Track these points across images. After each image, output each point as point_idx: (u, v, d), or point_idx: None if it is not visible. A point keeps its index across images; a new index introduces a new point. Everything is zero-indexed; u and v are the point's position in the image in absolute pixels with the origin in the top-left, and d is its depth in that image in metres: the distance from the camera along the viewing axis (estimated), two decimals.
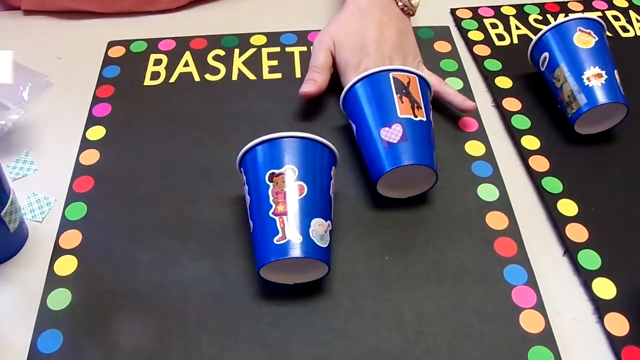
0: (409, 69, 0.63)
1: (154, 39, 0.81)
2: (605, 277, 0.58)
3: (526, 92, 0.76)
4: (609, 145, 0.70)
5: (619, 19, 0.87)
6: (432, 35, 0.83)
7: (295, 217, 0.53)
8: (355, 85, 0.64)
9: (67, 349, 0.53)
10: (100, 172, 0.66)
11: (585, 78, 0.66)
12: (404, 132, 0.59)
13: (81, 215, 0.62)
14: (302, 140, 0.56)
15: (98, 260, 0.59)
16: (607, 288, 0.57)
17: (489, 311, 0.56)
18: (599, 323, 0.56)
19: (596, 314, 0.56)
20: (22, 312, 0.56)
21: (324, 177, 0.56)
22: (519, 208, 0.63)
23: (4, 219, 0.55)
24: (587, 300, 0.57)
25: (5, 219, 0.55)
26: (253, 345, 0.54)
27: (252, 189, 0.56)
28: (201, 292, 0.57)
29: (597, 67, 0.66)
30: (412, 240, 0.61)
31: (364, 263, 0.59)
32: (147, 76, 0.77)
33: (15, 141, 0.70)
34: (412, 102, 0.61)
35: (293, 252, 0.51)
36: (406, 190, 0.63)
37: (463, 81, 0.76)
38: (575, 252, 0.60)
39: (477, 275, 0.58)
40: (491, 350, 0.53)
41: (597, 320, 0.56)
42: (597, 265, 0.59)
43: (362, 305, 0.56)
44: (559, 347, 0.53)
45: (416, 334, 0.54)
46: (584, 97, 0.66)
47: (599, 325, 0.56)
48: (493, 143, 0.70)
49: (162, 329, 0.54)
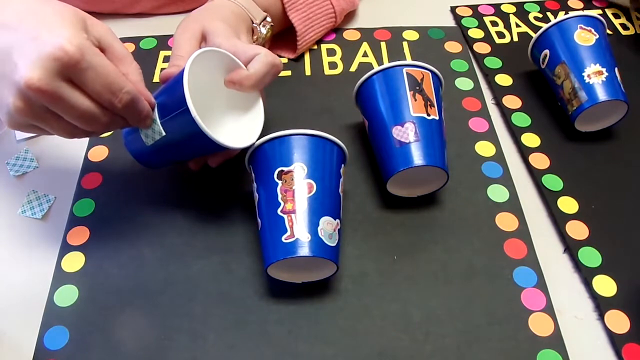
0: (422, 65, 0.63)
1: (164, 36, 0.81)
2: (606, 275, 0.58)
3: (526, 90, 0.75)
4: (609, 143, 0.69)
5: (619, 16, 0.87)
6: (442, 35, 0.82)
7: (304, 215, 0.52)
8: (368, 80, 0.63)
9: (74, 346, 0.53)
10: (109, 168, 0.66)
11: (586, 75, 0.66)
12: (416, 132, 0.59)
13: (89, 211, 0.62)
14: (311, 138, 0.56)
15: (105, 257, 0.59)
16: (608, 285, 0.57)
17: (498, 313, 0.55)
18: (600, 321, 0.55)
19: (597, 312, 0.56)
20: (28, 308, 0.56)
21: (333, 175, 0.56)
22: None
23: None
24: (588, 298, 0.57)
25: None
26: (260, 344, 0.53)
27: (260, 187, 0.56)
28: (208, 289, 0.57)
29: (598, 64, 0.66)
30: (421, 240, 0.61)
31: (373, 262, 0.59)
32: (157, 73, 0.76)
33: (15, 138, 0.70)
34: (425, 99, 0.61)
35: (301, 251, 0.51)
36: (416, 189, 0.62)
37: (474, 81, 0.76)
38: (576, 250, 0.60)
39: (486, 276, 0.58)
40: (500, 352, 0.53)
41: (598, 318, 0.55)
42: (598, 263, 0.59)
43: (370, 304, 0.56)
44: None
45: (424, 334, 0.54)
46: (585, 94, 0.65)
47: (599, 322, 0.55)
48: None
49: (169, 326, 0.54)
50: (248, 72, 0.58)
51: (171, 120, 0.54)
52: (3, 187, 0.65)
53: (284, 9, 0.74)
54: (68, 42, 0.45)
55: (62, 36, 0.45)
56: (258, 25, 0.69)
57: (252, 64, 0.58)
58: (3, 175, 0.66)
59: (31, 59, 0.45)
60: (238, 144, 0.56)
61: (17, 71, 0.45)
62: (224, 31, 0.62)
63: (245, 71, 0.58)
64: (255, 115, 0.60)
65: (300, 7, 0.75)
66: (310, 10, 0.76)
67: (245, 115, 0.61)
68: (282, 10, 0.74)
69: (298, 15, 0.75)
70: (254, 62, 0.58)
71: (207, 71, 0.57)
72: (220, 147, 0.54)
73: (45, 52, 0.44)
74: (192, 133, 0.53)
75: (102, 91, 0.48)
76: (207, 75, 0.57)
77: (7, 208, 0.63)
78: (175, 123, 0.54)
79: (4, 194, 0.64)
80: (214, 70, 0.58)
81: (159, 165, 0.62)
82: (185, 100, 0.51)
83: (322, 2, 0.77)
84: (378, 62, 0.78)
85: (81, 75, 0.46)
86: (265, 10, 0.70)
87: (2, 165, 0.67)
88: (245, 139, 0.57)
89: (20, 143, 0.69)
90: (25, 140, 0.69)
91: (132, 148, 0.59)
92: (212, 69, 0.57)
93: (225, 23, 0.63)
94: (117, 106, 0.49)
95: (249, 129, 0.59)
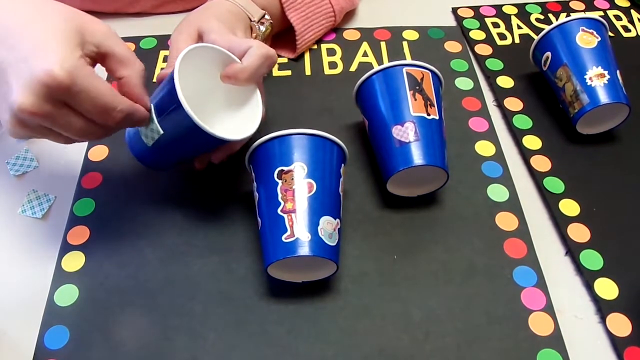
0: (422, 64, 0.63)
1: (164, 36, 0.81)
2: (608, 278, 0.58)
3: (528, 92, 0.75)
4: (610, 146, 0.69)
5: (620, 18, 0.87)
6: (442, 35, 0.82)
7: (304, 214, 0.52)
8: (368, 80, 0.63)
9: (74, 345, 0.53)
10: (109, 168, 0.66)
11: (588, 78, 0.66)
12: (416, 131, 0.59)
13: (89, 211, 0.62)
14: (311, 138, 0.56)
15: (105, 257, 0.59)
16: (610, 288, 0.57)
17: (498, 312, 0.55)
18: (601, 324, 0.55)
19: (598, 315, 0.56)
20: (29, 308, 0.56)
21: (333, 175, 0.56)
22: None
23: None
24: (590, 301, 0.57)
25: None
26: (260, 344, 0.53)
27: (260, 186, 0.56)
28: (208, 289, 0.57)
29: (600, 67, 0.66)
30: (422, 239, 0.61)
31: (373, 262, 0.59)
32: (157, 72, 0.76)
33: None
34: (425, 99, 0.61)
35: (301, 250, 0.51)
36: (416, 189, 0.62)
37: (474, 81, 0.76)
38: (577, 252, 0.60)
39: (486, 275, 0.58)
40: (500, 351, 0.53)
41: (600, 321, 0.55)
42: (599, 266, 0.59)
43: (370, 304, 0.56)
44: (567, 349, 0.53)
45: (424, 334, 0.54)
46: (587, 97, 0.65)
47: (601, 325, 0.55)
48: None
49: (169, 326, 0.54)
50: (242, 65, 0.58)
51: (167, 117, 0.54)
52: (3, 187, 0.65)
53: (282, 8, 0.74)
54: (59, 66, 0.45)
55: (52, 61, 0.45)
56: (256, 22, 0.69)
57: (246, 57, 0.58)
58: (3, 174, 0.66)
59: (23, 82, 0.45)
60: (235, 135, 0.56)
61: (11, 93, 0.45)
62: (219, 28, 0.62)
63: (240, 65, 0.58)
64: (254, 108, 0.60)
65: (298, 6, 0.75)
66: (309, 10, 0.76)
67: (244, 109, 0.61)
68: (280, 9, 0.74)
69: (297, 14, 0.75)
70: (247, 55, 0.58)
71: (203, 68, 0.57)
72: (219, 141, 0.54)
73: (36, 77, 0.44)
74: (187, 128, 0.53)
75: (95, 112, 0.48)
76: (203, 72, 0.57)
77: (7, 208, 0.63)
78: (170, 120, 0.54)
79: (4, 193, 0.64)
80: (209, 67, 0.58)
81: (165, 166, 0.62)
82: (177, 96, 0.51)
83: (320, 2, 0.77)
84: (378, 61, 0.78)
85: (73, 98, 0.46)
86: (264, 9, 0.70)
87: (2, 165, 0.67)
88: (243, 130, 0.57)
89: (20, 143, 0.69)
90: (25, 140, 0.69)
91: (136, 151, 0.60)
92: (207, 66, 0.58)
93: (221, 21, 0.63)
94: (111, 125, 0.50)
95: (248, 122, 0.59)
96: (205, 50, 0.57)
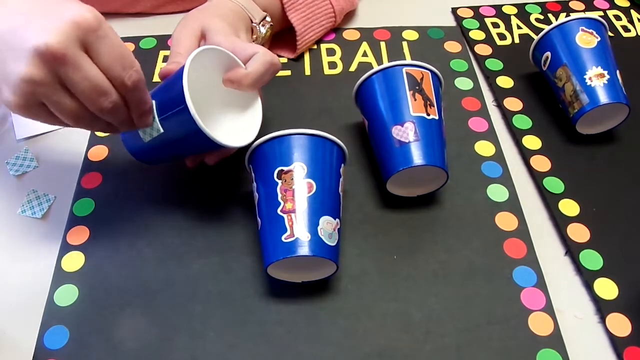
0: (422, 64, 0.63)
1: (164, 36, 0.81)
2: (607, 278, 0.58)
3: (527, 92, 0.75)
4: (610, 146, 0.69)
5: (620, 18, 0.87)
6: (442, 35, 0.82)
7: (304, 215, 0.52)
8: (368, 80, 0.63)
9: (74, 345, 0.53)
10: (109, 168, 0.66)
11: (588, 78, 0.66)
12: (415, 131, 0.59)
13: (89, 211, 0.62)
14: (311, 138, 0.56)
15: (105, 257, 0.59)
16: (609, 288, 0.57)
17: (498, 312, 0.55)
18: (601, 324, 0.55)
19: (598, 315, 0.56)
20: (28, 308, 0.56)
21: (333, 175, 0.56)
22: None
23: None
24: (590, 301, 0.57)
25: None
26: (259, 344, 0.53)
27: (260, 186, 0.56)
28: (208, 289, 0.57)
29: (599, 67, 0.66)
30: (421, 239, 0.61)
31: (373, 262, 0.59)
32: (156, 72, 0.76)
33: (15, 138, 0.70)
34: (424, 99, 0.61)
35: (301, 251, 0.51)
36: (416, 189, 0.62)
37: (473, 81, 0.76)
38: (577, 252, 0.60)
39: (486, 275, 0.58)
40: (499, 351, 0.53)
41: (599, 321, 0.55)
42: (599, 266, 0.59)
43: (370, 304, 0.56)
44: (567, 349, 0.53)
45: (424, 334, 0.54)
46: (586, 97, 0.65)
47: (601, 325, 0.55)
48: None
49: (168, 326, 0.54)
50: (246, 71, 0.58)
51: (169, 118, 0.54)
52: (3, 187, 0.65)
53: (283, 8, 0.74)
54: (87, 10, 0.46)
55: (80, 6, 0.46)
56: (257, 24, 0.69)
57: (251, 63, 0.58)
58: (3, 174, 0.66)
59: (48, 27, 0.45)
60: (236, 142, 0.56)
61: (30, 40, 0.45)
62: (223, 29, 0.62)
63: (244, 70, 0.58)
64: (253, 114, 0.60)
65: (299, 7, 0.75)
66: (309, 10, 0.76)
67: (243, 114, 0.61)
68: (281, 10, 0.74)
69: (297, 15, 0.75)
70: (252, 61, 0.58)
71: (206, 69, 0.57)
72: (217, 145, 0.54)
73: (66, 18, 0.45)
74: (190, 131, 0.53)
75: (114, 64, 0.48)
76: (205, 72, 0.57)
77: (7, 208, 0.63)
78: (173, 121, 0.54)
79: (4, 193, 0.64)
80: (212, 68, 0.58)
81: (157, 162, 0.62)
82: (184, 99, 0.51)
83: (321, 2, 0.77)
84: (378, 61, 0.78)
85: (97, 43, 0.47)
86: (265, 10, 0.70)
87: (2, 165, 0.67)
88: (243, 137, 0.57)
89: (20, 143, 0.69)
90: (25, 139, 0.69)
91: (130, 144, 0.60)
92: (210, 66, 0.58)
93: (224, 21, 0.63)
94: (127, 83, 0.49)
95: (246, 128, 0.59)
96: (211, 52, 0.57)
